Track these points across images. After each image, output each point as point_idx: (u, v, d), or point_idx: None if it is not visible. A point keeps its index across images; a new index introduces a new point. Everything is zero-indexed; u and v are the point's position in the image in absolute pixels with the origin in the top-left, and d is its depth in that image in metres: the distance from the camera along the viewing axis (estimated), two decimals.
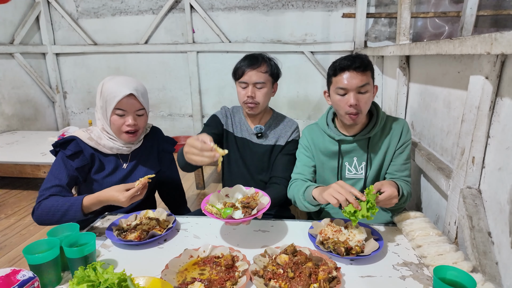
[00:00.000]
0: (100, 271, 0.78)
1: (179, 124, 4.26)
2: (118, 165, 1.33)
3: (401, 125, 1.34)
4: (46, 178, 1.23)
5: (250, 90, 1.40)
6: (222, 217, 1.01)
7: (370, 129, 1.30)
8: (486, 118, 0.98)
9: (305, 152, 1.41)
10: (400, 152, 1.33)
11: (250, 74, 1.39)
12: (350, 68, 1.19)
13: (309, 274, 0.86)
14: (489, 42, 0.81)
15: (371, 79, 1.23)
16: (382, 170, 1.36)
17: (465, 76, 1.19)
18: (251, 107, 1.43)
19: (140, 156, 1.38)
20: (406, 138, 1.33)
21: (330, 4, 3.56)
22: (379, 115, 1.32)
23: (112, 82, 1.23)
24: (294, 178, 1.40)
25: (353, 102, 1.20)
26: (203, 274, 0.91)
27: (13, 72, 3.78)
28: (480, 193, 1.04)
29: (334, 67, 1.24)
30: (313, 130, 1.42)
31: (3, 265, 1.88)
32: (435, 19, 3.33)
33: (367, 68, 1.20)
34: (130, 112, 1.24)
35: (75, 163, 1.24)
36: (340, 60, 1.23)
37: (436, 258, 0.94)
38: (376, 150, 1.34)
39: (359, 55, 1.24)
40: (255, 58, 1.42)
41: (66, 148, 1.24)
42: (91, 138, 1.27)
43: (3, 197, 2.82)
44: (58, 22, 4.10)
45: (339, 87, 1.22)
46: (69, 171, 1.24)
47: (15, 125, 3.82)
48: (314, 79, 3.80)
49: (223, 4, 3.73)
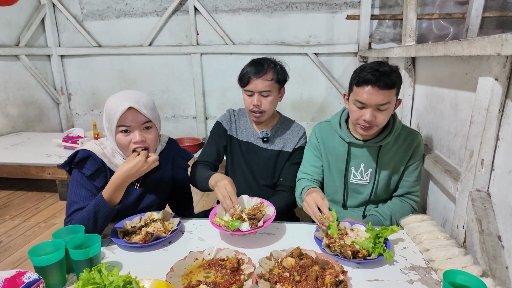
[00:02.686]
0: (105, 274, 0.78)
1: (182, 126, 4.26)
2: (130, 185, 1.20)
3: (416, 139, 1.29)
4: (69, 201, 1.13)
5: (256, 99, 1.38)
6: (230, 229, 1.06)
7: (383, 137, 1.27)
8: (495, 120, 0.97)
9: (314, 151, 1.39)
10: (414, 169, 1.31)
11: (256, 83, 1.36)
12: (374, 84, 1.12)
13: (315, 277, 0.85)
14: (500, 43, 0.80)
15: (394, 97, 1.17)
16: (391, 180, 1.34)
17: (473, 77, 1.17)
18: (257, 116, 1.42)
19: (154, 176, 1.27)
20: (420, 155, 1.31)
21: (334, 6, 3.56)
22: (395, 125, 1.27)
23: (112, 98, 1.13)
24: (299, 177, 1.39)
25: (368, 118, 1.15)
26: (209, 277, 0.90)
27: (19, 74, 3.80)
28: (489, 196, 1.03)
29: (359, 77, 1.16)
30: (324, 128, 1.39)
31: (8, 266, 1.88)
32: (440, 20, 3.32)
33: (392, 87, 1.13)
34: (135, 127, 1.11)
35: (97, 183, 1.14)
36: (366, 71, 1.14)
37: (445, 262, 0.92)
38: (386, 160, 1.30)
39: (389, 70, 1.13)
40: (261, 65, 1.38)
41: (83, 167, 1.13)
42: (104, 155, 1.18)
43: (7, 198, 2.83)
44: (63, 24, 4.12)
45: (358, 100, 1.17)
46: (92, 191, 1.14)
47: (20, 127, 3.84)
48: (318, 81, 3.79)
49: (227, 6, 3.74)
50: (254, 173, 1.52)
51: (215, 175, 1.26)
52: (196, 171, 1.41)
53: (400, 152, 1.30)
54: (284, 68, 1.46)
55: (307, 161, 1.40)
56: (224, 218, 1.14)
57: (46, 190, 2.97)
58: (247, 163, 1.52)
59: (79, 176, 1.15)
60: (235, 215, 1.12)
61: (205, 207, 2.71)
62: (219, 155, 1.53)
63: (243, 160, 1.52)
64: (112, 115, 1.10)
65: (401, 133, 1.30)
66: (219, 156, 1.53)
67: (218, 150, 1.52)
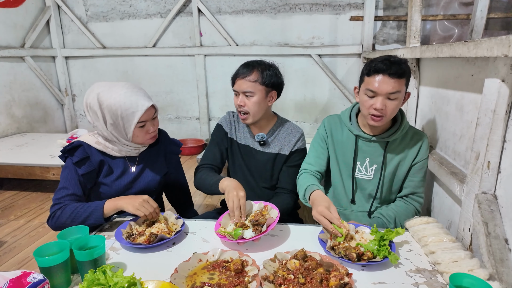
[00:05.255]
0: (109, 274, 0.78)
1: (186, 127, 4.27)
2: (126, 168, 1.32)
3: (422, 139, 1.31)
4: (59, 186, 1.22)
5: (240, 99, 1.39)
6: (234, 238, 1.06)
7: (391, 133, 1.28)
8: (502, 122, 0.96)
9: (321, 143, 1.41)
10: (419, 169, 1.31)
11: (240, 83, 1.38)
12: (385, 72, 1.16)
13: (320, 280, 0.85)
14: (507, 45, 0.80)
15: (404, 87, 1.19)
16: (395, 177, 1.34)
17: (479, 79, 1.16)
18: (243, 118, 1.42)
19: (148, 159, 1.37)
20: (425, 155, 1.31)
21: (338, 7, 3.55)
22: (403, 121, 1.29)
23: (116, 96, 1.16)
24: (302, 168, 1.40)
25: (379, 106, 1.17)
26: (213, 278, 0.90)
27: (24, 75, 3.83)
28: (496, 198, 1.02)
29: (370, 67, 1.20)
30: (334, 121, 1.41)
31: (12, 266, 1.89)
32: (444, 21, 3.30)
33: (402, 76, 1.16)
34: (149, 120, 1.23)
35: (81, 170, 1.22)
36: (377, 61, 1.19)
37: (451, 265, 0.91)
38: (392, 156, 1.32)
39: (399, 60, 1.19)
40: (247, 66, 1.39)
41: (74, 154, 1.23)
42: (99, 142, 1.26)
43: (12, 198, 2.85)
44: (67, 26, 4.15)
45: (369, 88, 1.19)
46: (79, 177, 1.23)
47: (25, 127, 3.87)
48: (321, 82, 3.78)
49: (231, 7, 3.75)
50: (254, 175, 1.52)
51: (226, 179, 1.26)
52: (202, 175, 1.41)
53: (407, 150, 1.31)
54: (278, 72, 1.43)
55: (312, 152, 1.42)
56: (228, 228, 1.14)
57: (50, 191, 2.98)
58: (247, 166, 1.52)
59: (69, 162, 1.23)
60: (238, 223, 1.13)
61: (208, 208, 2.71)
62: (222, 158, 1.53)
63: (243, 162, 1.52)
64: (130, 114, 1.17)
65: (408, 132, 1.32)
66: (222, 158, 1.53)
67: (221, 152, 1.52)
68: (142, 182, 1.34)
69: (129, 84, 1.23)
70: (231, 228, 1.14)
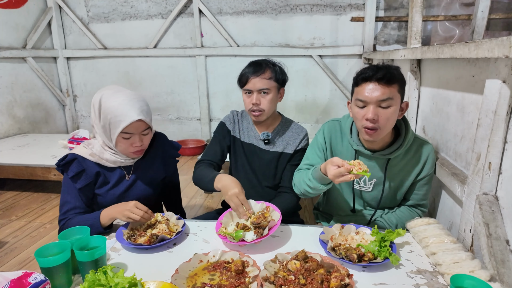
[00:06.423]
0: (110, 275, 0.78)
1: (187, 128, 4.28)
2: (122, 177, 1.30)
3: (427, 153, 1.24)
4: (60, 202, 1.23)
5: (254, 98, 1.39)
6: (235, 240, 1.06)
7: (393, 150, 1.21)
8: (503, 123, 0.96)
9: (318, 152, 1.34)
10: (425, 183, 1.28)
11: (254, 81, 1.38)
12: (372, 78, 1.09)
13: (321, 281, 0.85)
14: (508, 45, 0.80)
15: (397, 94, 1.11)
16: (398, 193, 1.31)
17: (480, 80, 1.16)
18: (257, 115, 1.42)
19: (144, 166, 1.35)
20: (431, 170, 1.26)
21: (339, 8, 3.55)
22: (406, 136, 1.21)
23: (114, 101, 1.15)
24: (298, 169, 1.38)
25: (370, 116, 1.09)
26: (213, 279, 0.90)
27: (25, 76, 3.84)
28: (497, 199, 1.02)
29: (357, 77, 1.15)
30: (334, 129, 1.34)
31: (14, 267, 1.90)
32: (445, 22, 3.30)
33: (392, 81, 1.09)
34: (137, 134, 1.19)
35: (78, 184, 1.22)
36: (364, 69, 1.13)
37: (452, 266, 0.91)
38: (394, 173, 1.26)
39: (387, 66, 1.13)
40: (259, 65, 1.40)
41: (68, 169, 1.21)
42: (93, 154, 1.24)
43: (14, 199, 2.85)
44: (69, 27, 4.16)
45: (358, 98, 1.13)
46: (78, 191, 1.23)
47: (26, 128, 3.88)
48: (322, 83, 3.78)
49: (232, 8, 3.75)
50: (257, 174, 1.52)
51: (220, 176, 1.26)
52: (200, 171, 1.42)
53: (410, 165, 1.25)
54: (283, 69, 1.46)
55: (308, 160, 1.36)
56: (229, 229, 1.15)
57: (51, 191, 2.99)
58: (250, 165, 1.52)
59: (67, 177, 1.23)
60: (239, 224, 1.13)
61: (209, 209, 2.71)
62: (223, 155, 1.54)
63: (246, 161, 1.52)
64: (117, 122, 1.15)
65: (412, 145, 1.24)
66: (223, 156, 1.54)
67: (222, 149, 1.53)
68: (138, 190, 1.33)
69: (133, 94, 1.20)
70: (232, 228, 1.14)
